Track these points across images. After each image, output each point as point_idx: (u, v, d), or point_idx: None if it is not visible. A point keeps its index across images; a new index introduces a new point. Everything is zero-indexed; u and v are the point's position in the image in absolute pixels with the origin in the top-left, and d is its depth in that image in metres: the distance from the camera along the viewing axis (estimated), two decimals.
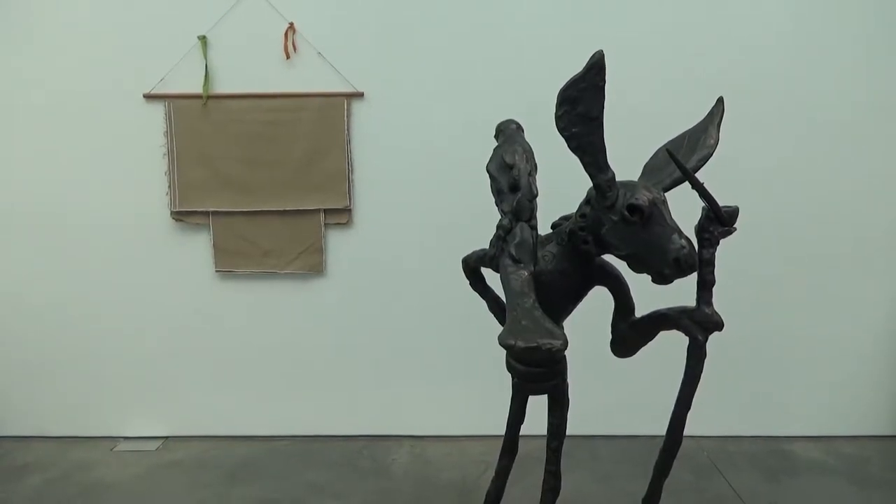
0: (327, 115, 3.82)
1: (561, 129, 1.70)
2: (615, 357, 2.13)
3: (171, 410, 4.14)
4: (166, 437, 4.12)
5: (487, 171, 2.05)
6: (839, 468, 3.72)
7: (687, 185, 1.77)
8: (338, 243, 3.98)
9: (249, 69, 3.83)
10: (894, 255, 3.98)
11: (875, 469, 3.72)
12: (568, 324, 2.04)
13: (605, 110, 1.70)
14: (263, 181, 3.87)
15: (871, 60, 3.81)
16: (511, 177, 1.95)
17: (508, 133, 2.14)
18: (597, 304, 2.13)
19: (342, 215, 3.93)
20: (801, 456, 3.87)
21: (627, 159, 2.05)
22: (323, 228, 3.93)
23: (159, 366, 4.09)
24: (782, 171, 3.87)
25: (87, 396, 4.11)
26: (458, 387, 4.06)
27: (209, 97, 3.81)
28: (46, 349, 4.07)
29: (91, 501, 3.39)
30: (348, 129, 3.84)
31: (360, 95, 3.83)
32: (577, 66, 1.68)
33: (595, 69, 1.63)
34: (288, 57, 3.81)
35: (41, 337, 4.07)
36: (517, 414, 2.23)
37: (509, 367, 2.10)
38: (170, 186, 3.88)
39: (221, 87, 3.84)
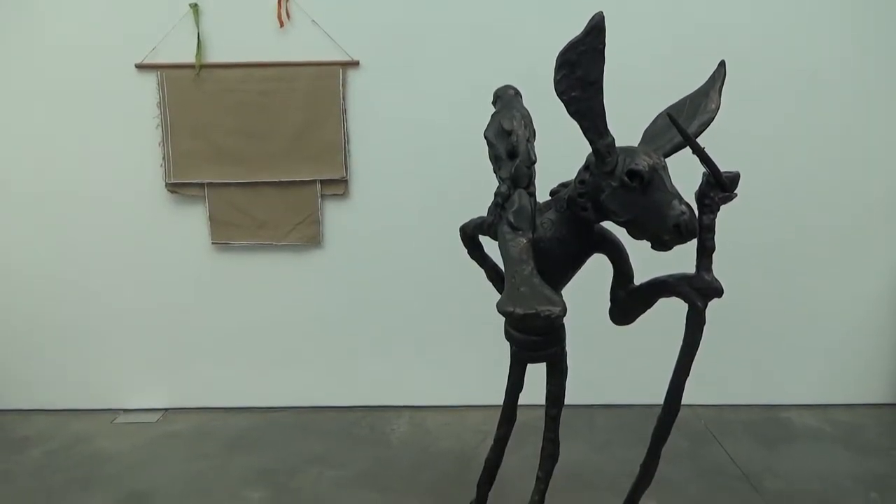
0: (322, 84, 3.77)
1: (560, 94, 1.67)
2: (613, 325, 2.12)
3: (171, 383, 4.15)
4: (166, 410, 4.14)
5: (485, 137, 2.02)
6: (835, 435, 3.76)
7: (687, 150, 1.75)
8: (334, 214, 3.95)
9: (242, 38, 3.77)
10: (891, 225, 3.97)
11: (870, 436, 3.75)
12: (566, 292, 2.03)
13: (604, 74, 1.66)
14: (258, 152, 3.83)
15: (874, 28, 3.76)
16: (509, 143, 1.92)
17: (506, 99, 2.11)
18: (595, 272, 2.12)
19: (338, 186, 3.90)
20: (797, 423, 3.90)
21: (627, 125, 2.02)
22: (319, 199, 3.90)
23: (158, 338, 4.09)
24: (782, 137, 3.84)
25: (86, 370, 4.11)
26: (456, 357, 4.07)
27: (202, 67, 3.75)
28: (44, 323, 4.07)
29: (92, 472, 3.42)
30: (344, 99, 3.79)
31: (355, 64, 3.78)
32: (577, 29, 1.65)
33: (595, 32, 1.60)
34: (282, 25, 3.74)
35: (39, 311, 4.06)
36: (516, 382, 2.23)
37: (508, 336, 2.10)
38: (164, 158, 3.84)
39: (214, 56, 3.78)
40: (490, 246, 2.12)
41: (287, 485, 3.28)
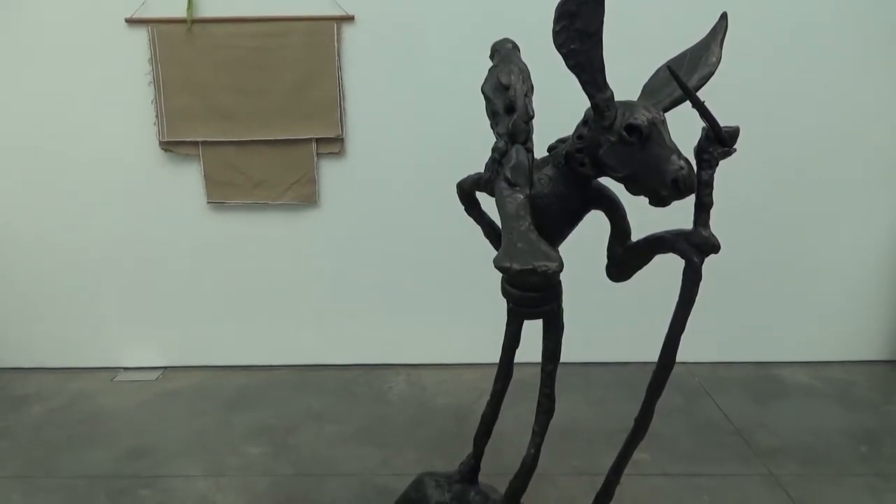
0: (316, 40, 3.70)
1: (558, 46, 1.64)
2: (609, 283, 2.12)
3: (170, 341, 4.18)
4: (165, 368, 4.18)
5: (482, 92, 1.99)
6: (826, 391, 3.81)
7: (686, 105, 1.72)
8: (330, 173, 3.92)
9: None
10: (887, 182, 3.95)
11: (861, 391, 3.81)
12: (563, 249, 2.02)
13: (604, 27, 1.63)
14: (252, 110, 3.77)
15: None
16: (507, 98, 1.88)
17: (504, 52, 2.06)
18: (592, 229, 2.11)
19: (334, 144, 3.86)
20: (790, 380, 3.95)
21: (626, 79, 1.99)
22: (315, 158, 3.86)
23: (156, 297, 4.10)
24: (781, 92, 3.79)
25: (85, 329, 4.13)
26: (453, 315, 4.09)
27: (193, 21, 3.66)
28: (42, 282, 4.07)
29: (94, 428, 3.46)
30: (338, 55, 3.72)
31: (350, 19, 3.70)
32: None
33: None
34: None
35: (36, 270, 4.06)
36: (512, 339, 2.23)
37: (505, 292, 2.10)
38: (157, 116, 3.79)
39: (206, 10, 3.69)
40: (487, 203, 2.10)
41: (287, 441, 3.32)
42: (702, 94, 1.70)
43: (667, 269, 2.03)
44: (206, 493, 2.90)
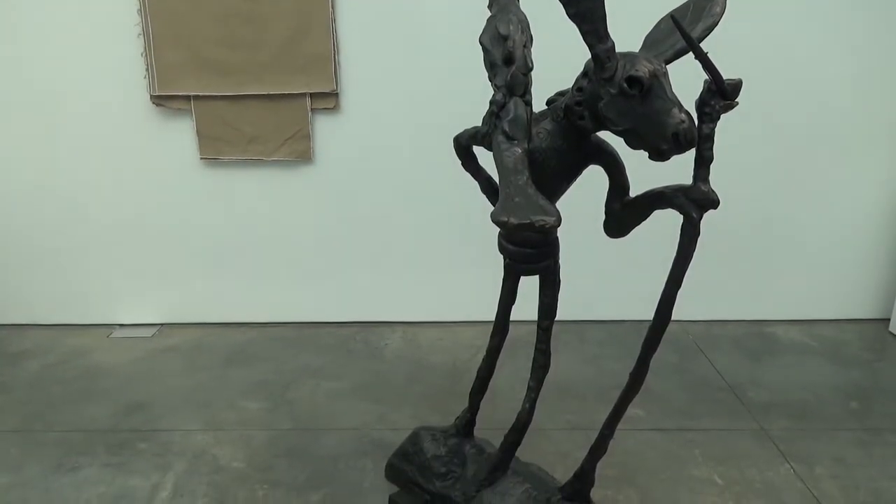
0: None
1: None
2: (605, 241, 2.10)
3: (165, 298, 4.18)
4: (161, 325, 4.18)
5: (480, 43, 1.94)
6: (818, 349, 3.85)
7: (689, 57, 1.69)
8: (325, 129, 3.86)
9: None
10: (880, 141, 3.92)
11: (853, 349, 3.85)
12: (560, 205, 2.00)
13: None
14: (245, 63, 3.69)
15: None
16: (505, 49, 1.84)
17: (503, 2, 2.01)
18: (589, 187, 2.09)
19: (329, 100, 3.79)
20: (783, 338, 3.98)
21: (628, 29, 1.94)
22: (310, 113, 3.80)
23: (152, 254, 4.08)
24: (782, 46, 3.73)
25: (81, 285, 4.12)
26: (450, 272, 4.09)
27: None
28: (36, 238, 4.04)
29: (91, 383, 3.48)
30: (333, 7, 3.63)
31: None
32: None
33: None
34: None
35: (30, 226, 4.02)
36: (508, 295, 2.24)
37: (501, 248, 2.09)
38: (147, 69, 3.71)
39: None
40: (485, 158, 2.08)
41: (284, 396, 3.35)
42: (705, 46, 1.67)
43: (663, 225, 2.02)
44: (204, 447, 2.93)
